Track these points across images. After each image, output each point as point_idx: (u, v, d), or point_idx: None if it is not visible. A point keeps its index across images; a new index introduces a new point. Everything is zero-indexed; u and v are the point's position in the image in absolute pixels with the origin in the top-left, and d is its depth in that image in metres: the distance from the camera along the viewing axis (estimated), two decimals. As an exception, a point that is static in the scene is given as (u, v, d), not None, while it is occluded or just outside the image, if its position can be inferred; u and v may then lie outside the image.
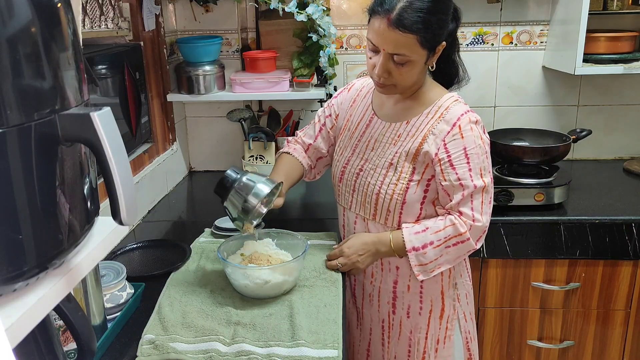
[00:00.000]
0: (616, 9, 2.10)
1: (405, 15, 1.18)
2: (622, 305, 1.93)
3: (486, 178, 1.30)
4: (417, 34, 1.20)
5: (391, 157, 1.36)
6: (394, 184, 1.35)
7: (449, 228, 1.31)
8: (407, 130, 1.36)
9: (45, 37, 0.53)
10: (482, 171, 1.30)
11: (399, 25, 1.19)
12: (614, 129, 2.36)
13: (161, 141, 2.11)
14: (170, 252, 1.59)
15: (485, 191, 1.30)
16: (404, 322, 1.45)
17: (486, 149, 1.32)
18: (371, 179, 1.39)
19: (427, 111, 1.35)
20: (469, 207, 1.30)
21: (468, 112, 1.32)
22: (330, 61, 2.01)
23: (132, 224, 0.62)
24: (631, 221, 1.81)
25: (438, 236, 1.32)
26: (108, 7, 1.62)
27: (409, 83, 1.31)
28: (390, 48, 1.24)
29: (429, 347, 1.45)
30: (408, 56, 1.24)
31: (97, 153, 0.56)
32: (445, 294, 1.43)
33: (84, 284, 1.09)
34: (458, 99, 1.36)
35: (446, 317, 1.44)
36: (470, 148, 1.28)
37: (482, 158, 1.30)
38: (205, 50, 2.08)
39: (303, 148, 1.59)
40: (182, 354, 1.11)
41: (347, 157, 1.46)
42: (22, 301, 0.54)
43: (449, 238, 1.31)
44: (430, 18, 1.20)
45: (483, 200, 1.31)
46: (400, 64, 1.26)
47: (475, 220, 1.30)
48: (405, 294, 1.43)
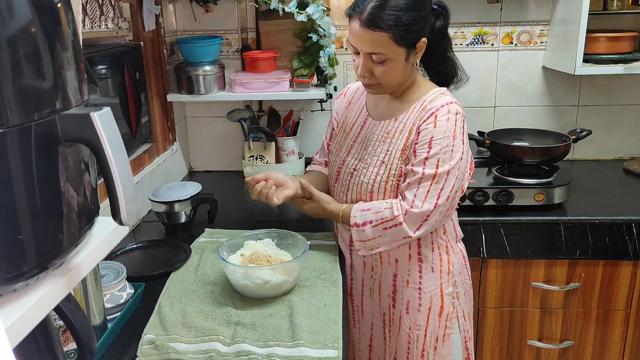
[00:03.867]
0: (616, 9, 2.10)
1: (375, 14, 1.23)
2: (622, 306, 1.93)
3: (441, 168, 1.29)
4: (388, 31, 1.24)
5: (383, 155, 1.38)
6: (384, 181, 1.37)
7: (386, 210, 1.34)
8: (396, 127, 1.38)
9: (45, 37, 0.53)
10: (439, 161, 1.30)
11: (370, 24, 1.24)
12: (614, 129, 2.36)
13: (161, 141, 2.11)
14: (170, 252, 1.59)
15: (436, 180, 1.30)
16: (403, 318, 1.46)
17: (456, 141, 1.30)
18: (364, 177, 1.41)
19: (414, 106, 1.37)
20: (412, 192, 1.32)
21: (450, 104, 1.32)
22: (330, 61, 2.01)
23: (132, 224, 0.62)
24: (631, 221, 1.81)
25: (377, 216, 1.35)
26: (108, 7, 1.62)
27: (393, 81, 1.34)
28: (366, 48, 1.28)
29: (428, 344, 1.45)
30: (385, 54, 1.27)
31: (97, 153, 0.56)
32: (444, 291, 1.43)
33: (84, 284, 1.10)
34: (444, 92, 1.38)
35: (445, 315, 1.44)
36: (436, 138, 1.30)
37: (445, 149, 1.29)
38: (205, 51, 2.08)
39: (321, 164, 1.66)
40: (182, 354, 1.12)
41: (342, 158, 1.49)
42: (22, 301, 0.54)
43: (386, 220, 1.34)
44: (400, 15, 1.23)
45: (430, 188, 1.30)
46: (379, 63, 1.29)
47: (413, 206, 1.31)
48: (404, 288, 1.44)
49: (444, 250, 1.43)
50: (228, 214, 1.90)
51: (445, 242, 1.43)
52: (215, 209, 1.81)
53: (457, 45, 2.27)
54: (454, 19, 2.22)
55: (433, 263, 1.42)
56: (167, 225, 1.77)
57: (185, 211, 1.75)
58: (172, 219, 1.76)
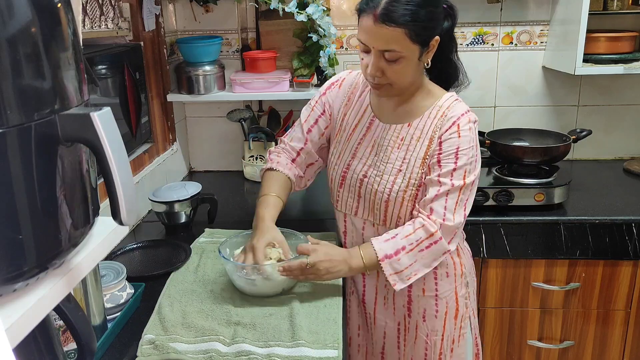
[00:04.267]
0: (616, 9, 2.10)
1: (391, 8, 1.16)
2: (622, 306, 1.93)
3: (468, 178, 1.28)
4: (405, 27, 1.17)
5: (399, 164, 1.33)
6: (402, 190, 1.32)
7: (419, 230, 1.27)
8: (411, 133, 1.33)
9: (46, 37, 0.53)
10: (466, 172, 1.28)
11: (386, 19, 1.16)
12: (614, 129, 2.36)
13: (161, 141, 2.11)
14: (170, 252, 1.59)
15: (463, 192, 1.28)
16: (420, 326, 1.43)
17: (477, 150, 1.30)
18: (378, 185, 1.35)
19: (429, 112, 1.33)
20: (441, 205, 1.27)
21: (468, 112, 1.31)
22: (330, 61, 2.01)
23: (132, 224, 0.62)
24: (631, 221, 1.81)
25: (409, 240, 1.27)
26: (108, 7, 1.62)
27: (404, 81, 1.28)
28: (379, 44, 1.21)
29: (445, 347, 1.43)
30: (399, 52, 1.20)
31: (97, 153, 0.56)
32: (459, 294, 1.42)
33: (84, 284, 1.09)
34: (458, 98, 1.35)
35: (460, 317, 1.43)
36: (462, 148, 1.27)
37: (471, 160, 1.28)
38: (205, 50, 2.08)
39: (290, 156, 1.51)
40: (182, 354, 1.11)
41: (346, 162, 1.41)
42: (22, 301, 0.54)
43: (421, 241, 1.27)
44: (417, 10, 1.17)
45: (458, 200, 1.28)
46: (392, 61, 1.22)
47: (445, 219, 1.27)
48: (420, 297, 1.41)
49: (455, 254, 1.41)
50: (228, 214, 1.90)
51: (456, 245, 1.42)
52: (215, 209, 1.81)
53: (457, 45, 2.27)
54: (454, 19, 2.24)
55: (447, 268, 1.40)
56: (167, 225, 1.77)
57: (185, 211, 1.75)
58: (172, 219, 1.76)
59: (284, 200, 1.46)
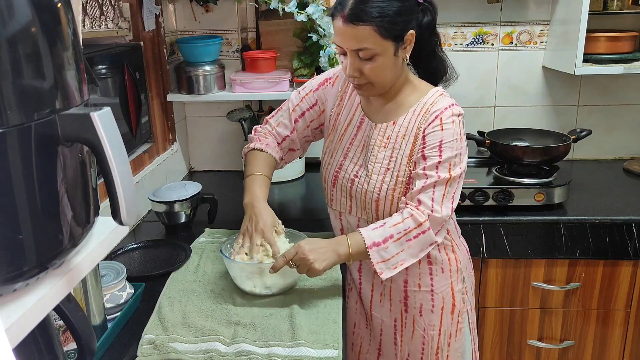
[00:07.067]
0: (616, 9, 2.10)
1: (358, 7, 1.19)
2: (622, 305, 1.93)
3: (454, 171, 1.28)
4: (372, 23, 1.19)
5: (387, 162, 1.34)
6: (392, 189, 1.34)
7: (408, 220, 1.27)
8: (397, 131, 1.34)
9: (45, 37, 0.53)
10: (451, 165, 1.28)
11: (354, 18, 1.20)
12: (614, 129, 2.36)
13: (161, 141, 2.11)
14: (170, 252, 1.59)
15: (449, 184, 1.28)
16: (417, 321, 1.44)
17: (463, 143, 1.30)
18: (368, 185, 1.36)
19: (413, 109, 1.34)
20: (429, 197, 1.27)
21: (452, 106, 1.31)
22: (330, 61, 2.01)
23: (132, 224, 0.62)
24: (631, 221, 1.81)
25: (397, 229, 1.27)
26: (108, 7, 1.62)
27: (384, 79, 1.29)
28: (352, 44, 1.23)
29: (442, 342, 1.45)
30: (371, 49, 1.22)
31: (97, 153, 0.56)
32: (455, 289, 1.43)
33: (84, 284, 1.10)
34: (443, 93, 1.35)
35: (457, 312, 1.44)
36: (446, 141, 1.27)
37: (456, 153, 1.28)
38: (205, 50, 2.08)
39: (276, 140, 1.52)
40: (182, 354, 1.12)
41: (338, 162, 1.43)
42: (22, 301, 0.54)
43: (409, 230, 1.27)
44: (383, 6, 1.20)
45: (445, 192, 1.28)
46: (367, 60, 1.24)
47: (433, 210, 1.27)
48: (416, 292, 1.42)
49: (450, 250, 1.43)
50: (228, 214, 1.90)
51: (450, 242, 1.43)
52: (215, 209, 1.81)
53: (457, 45, 2.27)
54: (454, 19, 2.24)
55: (442, 264, 1.41)
56: (167, 225, 1.77)
57: (185, 211, 1.75)
58: (172, 219, 1.76)
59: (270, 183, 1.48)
